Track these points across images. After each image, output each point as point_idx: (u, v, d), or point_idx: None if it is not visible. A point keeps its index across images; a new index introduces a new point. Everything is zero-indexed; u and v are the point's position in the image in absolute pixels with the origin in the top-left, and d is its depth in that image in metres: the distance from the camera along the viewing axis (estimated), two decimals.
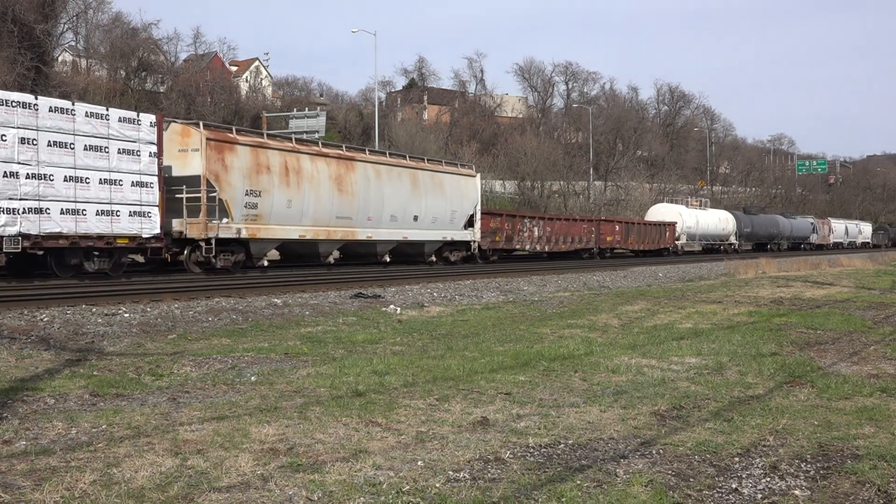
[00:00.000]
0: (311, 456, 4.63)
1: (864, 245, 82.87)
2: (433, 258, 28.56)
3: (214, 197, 19.97)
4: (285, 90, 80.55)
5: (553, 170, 66.12)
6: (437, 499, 3.95)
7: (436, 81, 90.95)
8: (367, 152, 26.38)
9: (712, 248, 56.12)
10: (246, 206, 20.94)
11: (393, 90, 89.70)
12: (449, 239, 28.78)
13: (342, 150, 25.01)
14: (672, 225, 49.51)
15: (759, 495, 4.14)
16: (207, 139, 19.97)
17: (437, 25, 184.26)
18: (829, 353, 8.88)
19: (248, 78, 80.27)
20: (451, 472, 4.35)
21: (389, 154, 27.88)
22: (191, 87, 61.32)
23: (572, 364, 7.90)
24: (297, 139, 24.23)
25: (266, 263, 22.09)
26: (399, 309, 13.68)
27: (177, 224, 19.66)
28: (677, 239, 50.00)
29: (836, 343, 9.70)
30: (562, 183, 67.09)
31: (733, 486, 4.27)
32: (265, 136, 22.49)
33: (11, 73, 45.23)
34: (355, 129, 74.45)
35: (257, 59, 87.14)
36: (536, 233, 35.10)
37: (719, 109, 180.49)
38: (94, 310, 12.22)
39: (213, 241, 19.92)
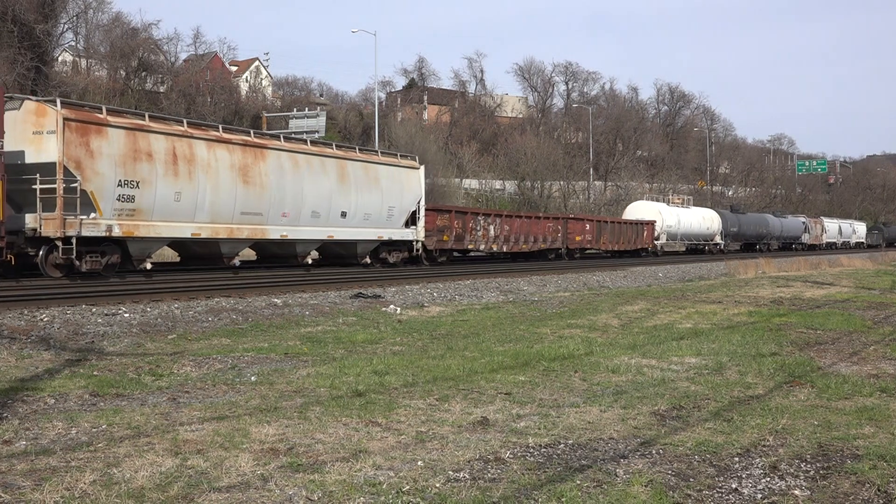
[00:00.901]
0: (311, 456, 4.63)
1: (859, 245, 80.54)
2: (367, 260, 25.49)
3: (75, 188, 16.63)
4: (285, 90, 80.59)
5: (553, 170, 66.11)
6: (437, 499, 3.95)
7: (436, 81, 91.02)
8: (283, 139, 22.80)
9: (696, 249, 53.83)
10: (119, 199, 17.64)
11: (393, 90, 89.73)
12: (386, 238, 25.60)
13: (249, 135, 21.46)
14: (651, 224, 46.20)
15: (759, 495, 4.14)
16: (66, 119, 16.74)
17: (437, 25, 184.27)
18: (829, 353, 8.88)
19: (248, 78, 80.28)
20: (451, 472, 4.35)
21: (312, 142, 24.24)
22: (191, 87, 61.34)
23: (572, 364, 7.90)
24: (189, 122, 20.30)
25: (149, 266, 18.82)
26: (399, 309, 13.68)
27: (30, 220, 16.54)
28: (656, 239, 46.82)
29: (836, 343, 9.70)
30: (562, 183, 67.08)
31: (733, 486, 4.27)
32: (147, 117, 18.96)
33: (11, 73, 45.24)
34: (355, 129, 74.49)
35: (257, 59, 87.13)
36: (493, 231, 31.65)
37: (719, 109, 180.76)
38: (94, 310, 12.22)
39: (73, 240, 16.62)
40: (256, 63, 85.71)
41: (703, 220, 53.20)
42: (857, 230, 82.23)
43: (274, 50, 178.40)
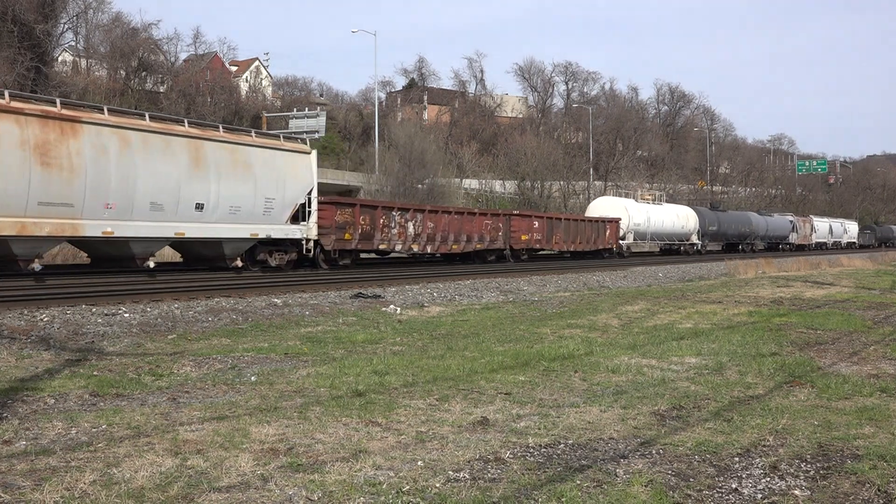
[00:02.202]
0: (311, 456, 4.63)
1: (850, 245, 77.17)
2: (239, 262, 21.18)
3: None
4: (285, 90, 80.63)
5: (553, 170, 66.14)
6: (437, 499, 3.95)
7: (436, 81, 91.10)
8: (107, 111, 17.94)
9: (671, 249, 49.61)
10: None
11: (393, 90, 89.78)
12: (264, 236, 21.33)
13: (55, 105, 16.74)
14: (614, 222, 41.71)
15: (759, 495, 4.14)
16: None
17: (437, 25, 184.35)
18: (829, 353, 8.88)
19: (248, 78, 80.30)
20: (451, 472, 4.35)
21: (153, 117, 19.15)
22: (191, 87, 61.37)
23: (572, 364, 7.90)
24: None
25: None
26: (399, 309, 13.68)
27: None
28: (622, 238, 42.55)
29: (836, 343, 9.70)
30: (562, 183, 67.08)
31: (733, 486, 4.27)
32: None
33: (11, 73, 45.23)
34: (355, 129, 74.53)
35: (257, 59, 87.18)
36: (412, 229, 27.44)
37: (719, 109, 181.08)
38: (94, 310, 12.22)
39: None
40: (256, 63, 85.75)
41: (678, 219, 49.08)
42: (849, 230, 79.21)
43: (274, 50, 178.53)
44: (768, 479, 4.39)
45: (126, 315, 11.79)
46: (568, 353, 8.56)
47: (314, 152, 24.04)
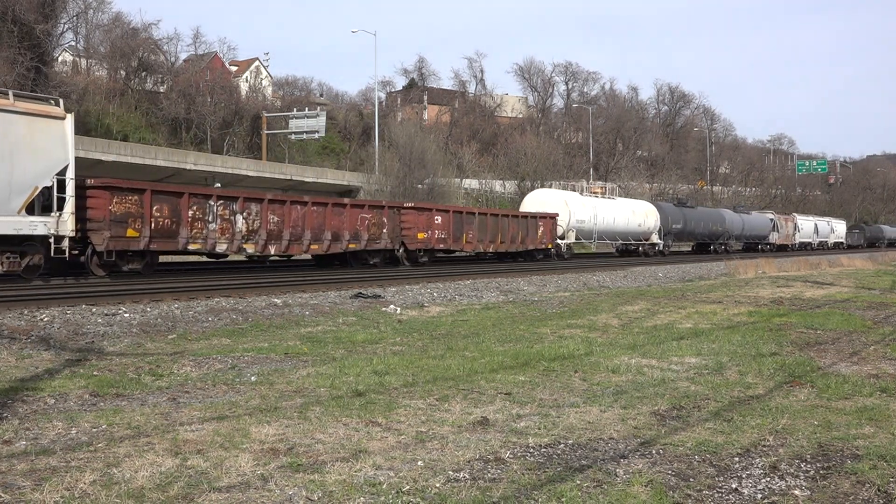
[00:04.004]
0: (311, 456, 4.63)
1: (838, 246, 73.19)
2: None
3: None
4: (285, 90, 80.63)
5: (553, 170, 66.14)
6: (437, 499, 3.95)
7: (436, 81, 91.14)
8: None
9: (626, 250, 44.47)
10: None
11: (393, 90, 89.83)
12: None
13: None
14: (551, 218, 36.07)
15: (759, 495, 4.14)
16: None
17: (437, 25, 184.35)
18: (829, 353, 8.88)
19: (248, 78, 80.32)
20: (451, 472, 4.35)
21: None
22: (191, 87, 61.37)
23: (572, 364, 7.90)
24: None
25: None
26: (399, 309, 13.68)
27: None
28: (561, 237, 37.47)
29: (836, 343, 9.70)
30: (562, 183, 67.10)
31: (733, 486, 4.27)
32: None
33: (11, 73, 45.22)
34: (355, 129, 74.53)
35: (257, 59, 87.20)
36: (241, 224, 21.54)
37: (719, 109, 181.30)
38: (94, 310, 12.22)
39: None
40: (256, 63, 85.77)
41: (634, 215, 43.45)
42: (836, 229, 75.00)
43: (274, 50, 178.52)
44: (768, 479, 4.40)
45: (126, 315, 11.79)
46: (568, 353, 8.56)
47: (70, 117, 17.41)
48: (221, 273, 20.39)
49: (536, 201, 39.10)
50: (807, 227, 67.97)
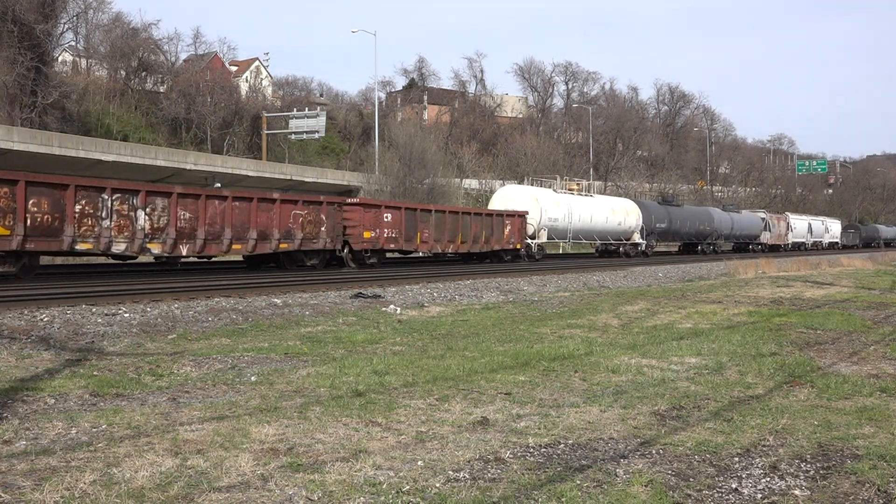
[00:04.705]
0: (311, 456, 4.63)
1: (832, 246, 71.72)
2: None
3: None
4: (285, 90, 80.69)
5: (553, 170, 66.07)
6: (437, 499, 3.95)
7: (436, 81, 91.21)
8: None
9: (606, 250, 42.60)
10: None
11: (393, 90, 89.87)
12: None
13: None
14: (520, 216, 33.76)
15: (759, 495, 4.14)
16: None
17: (437, 25, 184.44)
18: (829, 353, 8.88)
19: (248, 78, 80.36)
20: (451, 472, 4.35)
21: None
22: (191, 87, 61.41)
23: (572, 364, 7.90)
24: None
25: None
26: (399, 309, 13.67)
27: None
28: (532, 237, 35.11)
29: (836, 343, 9.70)
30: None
31: (733, 486, 4.27)
32: None
33: (11, 73, 45.24)
34: (355, 129, 74.57)
35: (257, 59, 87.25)
36: (144, 221, 19.42)
37: (719, 109, 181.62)
38: (94, 310, 12.22)
39: None
40: (256, 63, 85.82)
41: (613, 214, 41.13)
42: (831, 229, 73.14)
43: (274, 50, 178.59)
44: (768, 479, 4.39)
45: (126, 315, 11.79)
46: (568, 353, 8.55)
47: None
48: (221, 273, 20.42)
49: (505, 199, 36.52)
50: (800, 226, 66.06)
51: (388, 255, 28.51)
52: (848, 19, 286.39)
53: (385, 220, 26.49)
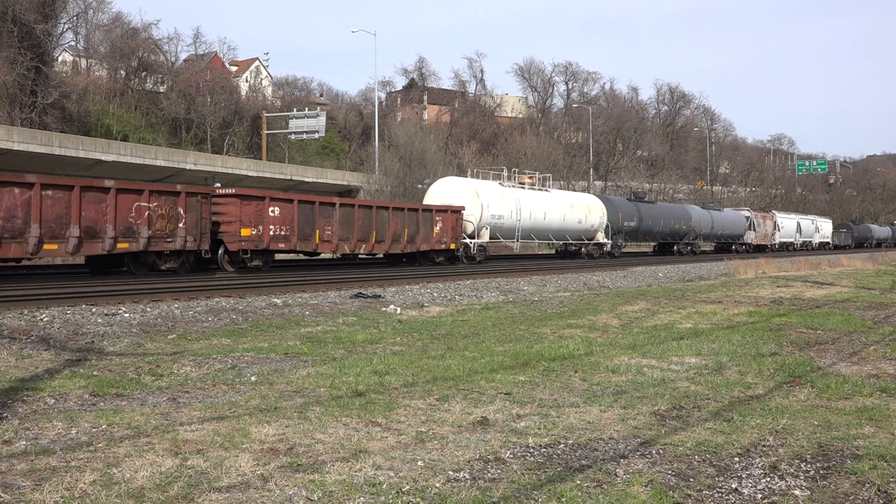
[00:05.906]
0: (311, 456, 4.63)
1: (823, 246, 68.55)
2: None
3: None
4: (285, 90, 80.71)
5: (553, 170, 66.10)
6: (437, 499, 3.94)
7: (436, 81, 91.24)
8: None
9: (567, 251, 38.61)
10: None
11: (393, 90, 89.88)
12: None
13: None
14: (454, 212, 29.60)
15: (759, 495, 4.14)
16: None
17: (437, 25, 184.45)
18: (829, 353, 8.88)
19: (248, 78, 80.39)
20: (451, 472, 4.35)
21: None
22: (191, 87, 61.42)
23: (572, 364, 7.90)
24: None
25: None
26: (399, 309, 13.67)
27: None
28: (472, 236, 30.97)
29: (836, 343, 9.70)
30: (562, 183, 67.05)
31: (733, 486, 4.27)
32: None
33: (11, 73, 45.24)
34: (355, 129, 74.55)
35: (257, 59, 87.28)
36: None
37: (719, 109, 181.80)
38: (94, 310, 12.22)
39: None
40: (256, 63, 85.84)
41: (572, 210, 36.48)
42: (822, 228, 69.72)
43: (274, 50, 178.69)
44: (768, 479, 4.39)
45: (126, 315, 11.79)
46: (568, 353, 8.55)
47: None
48: (221, 273, 20.44)
49: (442, 192, 31.94)
50: (788, 225, 62.40)
51: (285, 257, 23.76)
52: (848, 19, 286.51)
53: (271, 214, 22.36)
